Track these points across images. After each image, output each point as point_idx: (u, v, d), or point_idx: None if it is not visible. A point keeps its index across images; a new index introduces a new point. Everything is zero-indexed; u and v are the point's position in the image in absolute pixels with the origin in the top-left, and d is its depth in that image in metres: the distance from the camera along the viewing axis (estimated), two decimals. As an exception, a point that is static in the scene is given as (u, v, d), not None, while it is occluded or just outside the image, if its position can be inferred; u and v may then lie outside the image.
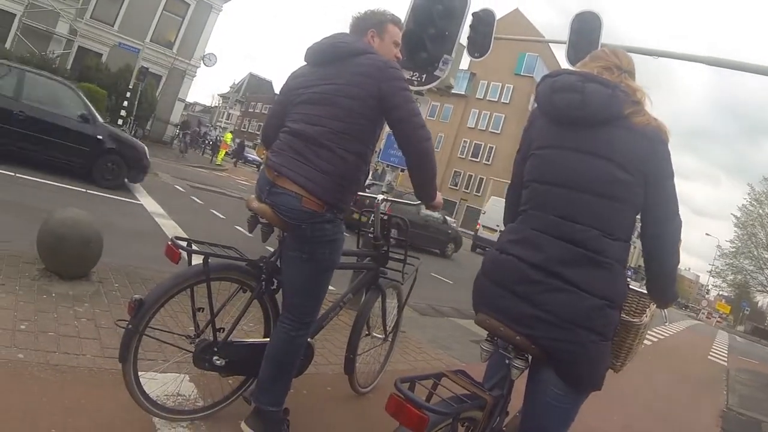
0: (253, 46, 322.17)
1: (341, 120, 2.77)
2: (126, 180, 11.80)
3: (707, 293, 66.77)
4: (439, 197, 3.23)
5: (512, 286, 2.20)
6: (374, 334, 4.12)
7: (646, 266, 2.34)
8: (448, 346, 6.41)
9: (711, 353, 18.57)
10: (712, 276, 63.50)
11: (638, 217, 2.25)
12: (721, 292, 65.88)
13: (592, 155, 2.18)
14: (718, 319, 57.65)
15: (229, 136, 39.22)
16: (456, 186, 66.53)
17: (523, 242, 2.25)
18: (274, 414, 2.99)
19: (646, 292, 2.59)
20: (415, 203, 3.48)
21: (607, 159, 2.15)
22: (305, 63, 3.07)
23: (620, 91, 2.20)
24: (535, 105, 2.46)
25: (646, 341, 13.44)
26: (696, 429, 7.20)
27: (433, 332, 7.02)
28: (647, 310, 2.73)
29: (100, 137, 11.18)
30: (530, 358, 2.27)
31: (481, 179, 62.58)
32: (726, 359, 17.82)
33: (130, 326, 2.65)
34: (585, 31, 9.02)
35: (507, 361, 2.28)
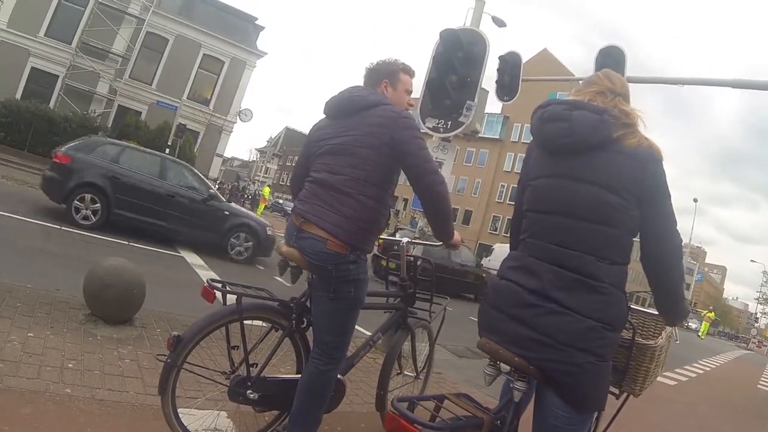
0: (288, 99, 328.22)
1: (359, 168, 2.96)
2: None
3: (756, 321, 64.58)
4: (457, 236, 3.35)
5: (511, 310, 2.27)
6: (406, 373, 4.19)
7: (650, 286, 2.38)
8: (482, 386, 6.43)
9: (761, 382, 18.05)
10: (761, 303, 61.81)
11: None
12: None
13: (584, 182, 2.24)
14: None
15: (267, 190, 39.76)
16: (495, 231, 66.17)
17: (521, 269, 2.32)
18: None
19: (658, 313, 2.64)
20: (437, 244, 3.59)
21: (598, 184, 2.21)
22: (324, 116, 3.28)
23: (609, 116, 2.26)
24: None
25: (690, 373, 13.14)
26: None
27: (468, 372, 7.02)
28: (663, 332, 2.77)
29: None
30: (535, 381, 2.32)
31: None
32: None
33: (168, 360, 2.83)
34: (610, 65, 9.05)
35: (510, 385, 2.33)
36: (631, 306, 2.80)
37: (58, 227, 10.23)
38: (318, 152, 3.17)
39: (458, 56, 7.40)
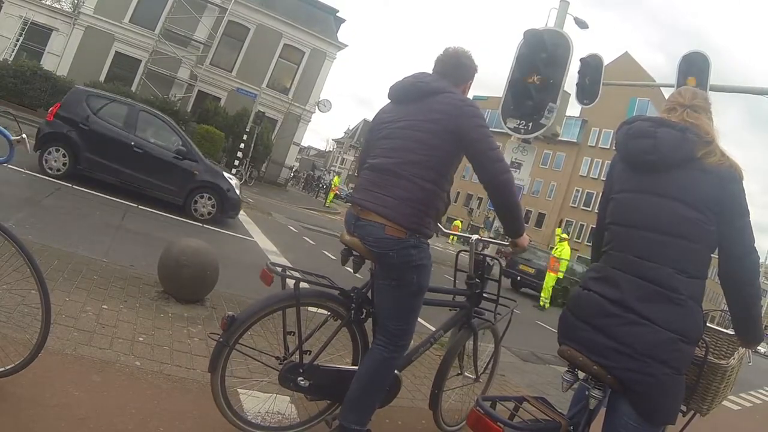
0: (367, 92, 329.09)
1: (416, 152, 2.95)
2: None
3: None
4: (525, 237, 3.31)
5: (592, 319, 2.35)
6: (466, 374, 4.13)
7: (727, 304, 2.39)
8: (545, 391, 6.31)
9: None
10: None
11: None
12: None
13: (666, 197, 2.30)
14: None
15: (337, 179, 40.19)
16: (567, 236, 64.99)
17: (603, 280, 2.40)
18: None
19: (733, 333, 2.63)
20: (505, 243, 3.53)
21: (679, 200, 2.27)
22: (389, 101, 3.29)
23: (691, 134, 2.32)
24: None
25: (758, 399, 12.64)
26: None
27: (532, 377, 6.94)
28: (735, 352, 2.71)
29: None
30: (609, 390, 2.34)
31: (593, 229, 60.83)
32: None
33: (221, 339, 2.89)
34: (693, 72, 8.83)
35: (586, 392, 2.37)
36: (707, 324, 2.77)
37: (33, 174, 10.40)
38: (378, 136, 3.19)
39: (542, 57, 7.33)
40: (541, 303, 16.60)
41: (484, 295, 3.98)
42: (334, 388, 3.17)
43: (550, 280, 17.26)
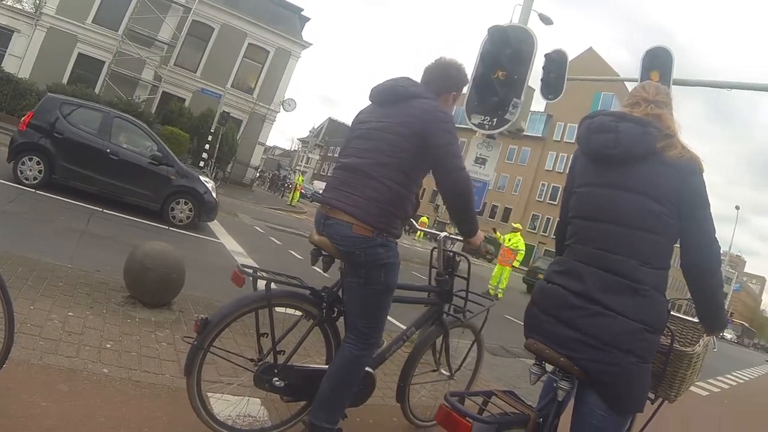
0: (332, 90, 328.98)
1: (387, 154, 3.00)
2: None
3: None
4: (480, 235, 3.41)
5: (557, 312, 2.37)
6: (441, 371, 4.17)
7: (690, 293, 2.44)
8: (515, 384, 6.37)
9: None
10: None
11: None
12: None
13: (628, 191, 2.33)
14: None
15: (300, 178, 40.03)
16: (534, 229, 65.90)
17: (567, 273, 2.43)
18: (327, 431, 3.12)
19: (697, 321, 2.69)
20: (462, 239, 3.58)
21: (641, 193, 2.30)
22: (370, 102, 3.33)
23: (653, 128, 2.35)
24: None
25: (723, 384, 12.96)
26: None
27: (502, 371, 7.00)
28: (701, 340, 2.77)
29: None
30: (577, 381, 2.36)
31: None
32: None
33: (195, 342, 2.88)
34: (657, 66, 8.95)
35: (554, 384, 2.40)
36: (672, 312, 2.85)
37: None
38: (353, 136, 3.25)
39: (506, 53, 7.35)
40: (491, 292, 16.46)
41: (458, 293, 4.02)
42: (310, 388, 3.17)
43: (504, 272, 17.33)
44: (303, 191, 42.31)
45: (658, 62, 9.06)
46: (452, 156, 3.00)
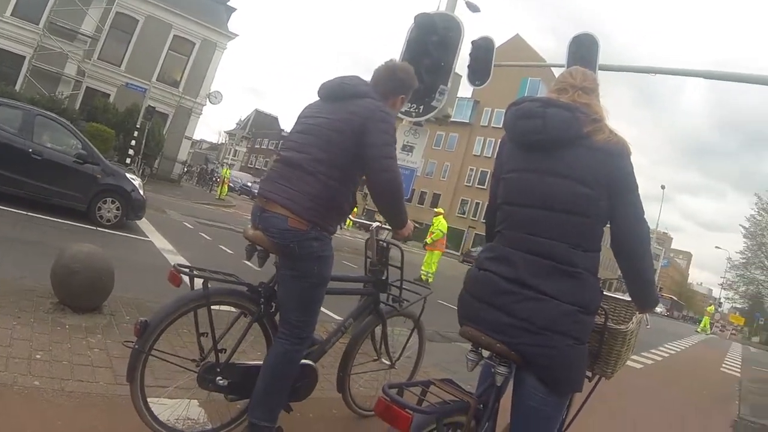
0: (259, 82, 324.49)
1: (324, 150, 3.03)
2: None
3: (720, 306, 66.35)
4: (409, 226, 3.46)
5: (490, 298, 2.38)
6: (382, 360, 4.22)
7: (622, 273, 2.50)
8: (453, 369, 6.44)
9: (724, 365, 18.57)
10: (724, 289, 63.70)
11: None
12: (734, 305, 65.71)
13: (556, 175, 2.35)
14: (732, 332, 57.25)
15: (228, 171, 39.52)
16: (464, 214, 66.77)
17: (498, 259, 2.43)
18: (266, 430, 3.12)
19: (630, 299, 2.75)
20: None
21: (570, 177, 2.32)
22: (318, 97, 3.34)
23: (580, 113, 2.37)
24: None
25: (656, 356, 13.45)
26: None
27: (439, 356, 7.03)
28: (633, 317, 2.89)
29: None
30: (514, 365, 2.38)
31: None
32: (739, 370, 17.84)
33: (136, 347, 2.83)
34: (582, 53, 9.12)
35: (492, 369, 2.41)
36: (604, 292, 2.91)
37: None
38: (295, 129, 3.28)
39: (432, 40, 7.41)
40: (423, 277, 16.72)
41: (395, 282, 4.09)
42: (254, 385, 3.16)
43: (432, 257, 17.74)
44: (231, 184, 41.83)
45: (583, 48, 9.25)
46: (385, 157, 3.03)
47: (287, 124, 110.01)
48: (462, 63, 8.51)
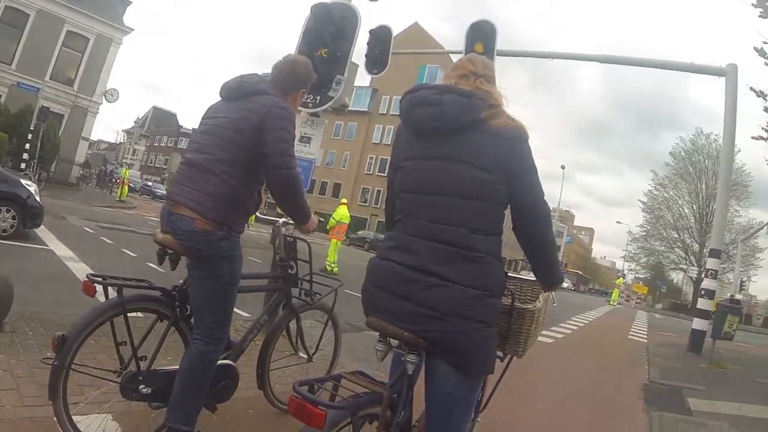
0: (158, 77, 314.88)
1: (225, 149, 3.08)
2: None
3: (624, 277, 69.67)
4: (313, 220, 3.52)
5: (394, 288, 2.36)
6: (300, 354, 4.27)
7: (525, 255, 2.55)
8: (365, 357, 6.48)
9: (631, 333, 19.64)
10: (626, 261, 67.41)
11: None
12: (637, 275, 69.31)
13: (454, 161, 2.35)
14: (637, 301, 60.24)
15: (127, 171, 38.43)
16: (366, 202, 67.38)
17: (399, 248, 2.41)
18: None
19: (535, 279, 2.80)
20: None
21: (468, 163, 2.32)
22: (219, 97, 3.36)
23: (477, 99, 2.38)
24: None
25: (566, 330, 14.03)
26: (619, 404, 7.50)
27: (351, 347, 7.02)
28: (539, 296, 2.96)
29: None
30: (424, 353, 2.39)
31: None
32: (646, 336, 18.82)
33: (56, 362, 2.76)
34: (481, 39, 9.32)
35: (402, 358, 2.41)
36: (510, 274, 3.01)
37: None
38: (198, 130, 3.32)
39: (329, 30, 7.46)
40: (328, 268, 16.81)
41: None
42: None
43: (332, 245, 17.98)
44: (131, 185, 40.74)
45: (481, 35, 9.46)
46: (281, 154, 3.07)
47: (186, 121, 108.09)
48: (360, 52, 8.57)
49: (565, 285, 58.25)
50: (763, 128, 14.55)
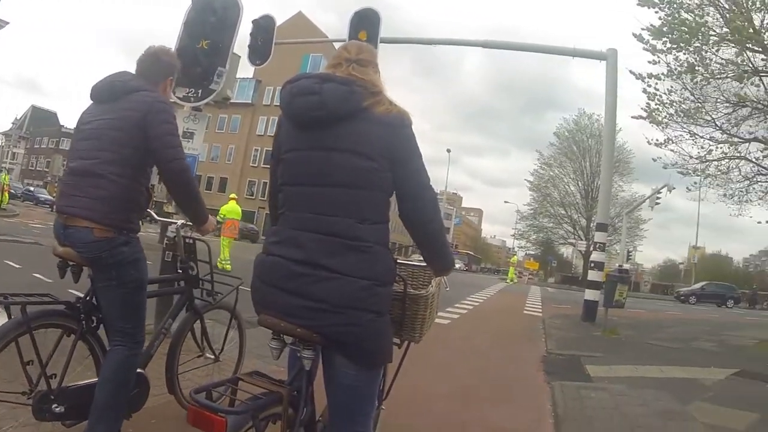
0: (36, 73, 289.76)
1: (110, 151, 3.04)
2: None
3: (514, 255, 72.10)
4: (211, 221, 3.53)
5: (283, 283, 2.30)
6: (207, 355, 4.27)
7: (414, 241, 2.54)
8: (262, 354, 6.44)
9: (526, 308, 20.21)
10: (516, 239, 70.02)
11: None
12: (528, 252, 72.37)
13: (336, 151, 2.30)
14: (530, 277, 61.87)
15: (6, 177, 36.11)
16: (252, 195, 66.76)
17: (285, 242, 2.36)
18: None
19: (426, 265, 2.85)
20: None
21: (350, 152, 2.29)
22: (91, 101, 3.30)
23: (357, 86, 2.34)
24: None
25: (462, 310, 14.50)
26: (521, 378, 7.68)
27: (250, 344, 7.06)
28: (432, 281, 2.98)
29: None
30: (320, 347, 2.35)
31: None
32: (540, 310, 19.47)
33: None
34: (364, 27, 9.40)
35: (298, 354, 2.36)
36: (400, 260, 3.07)
37: None
38: (77, 138, 3.24)
39: (211, 21, 7.36)
40: (220, 266, 16.48)
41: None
42: (90, 405, 3.05)
43: (222, 242, 17.59)
44: (12, 191, 38.34)
45: (365, 23, 9.57)
46: (170, 146, 3.11)
47: (68, 120, 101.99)
48: (242, 43, 8.49)
49: (457, 266, 59.65)
50: (642, 108, 15.33)
